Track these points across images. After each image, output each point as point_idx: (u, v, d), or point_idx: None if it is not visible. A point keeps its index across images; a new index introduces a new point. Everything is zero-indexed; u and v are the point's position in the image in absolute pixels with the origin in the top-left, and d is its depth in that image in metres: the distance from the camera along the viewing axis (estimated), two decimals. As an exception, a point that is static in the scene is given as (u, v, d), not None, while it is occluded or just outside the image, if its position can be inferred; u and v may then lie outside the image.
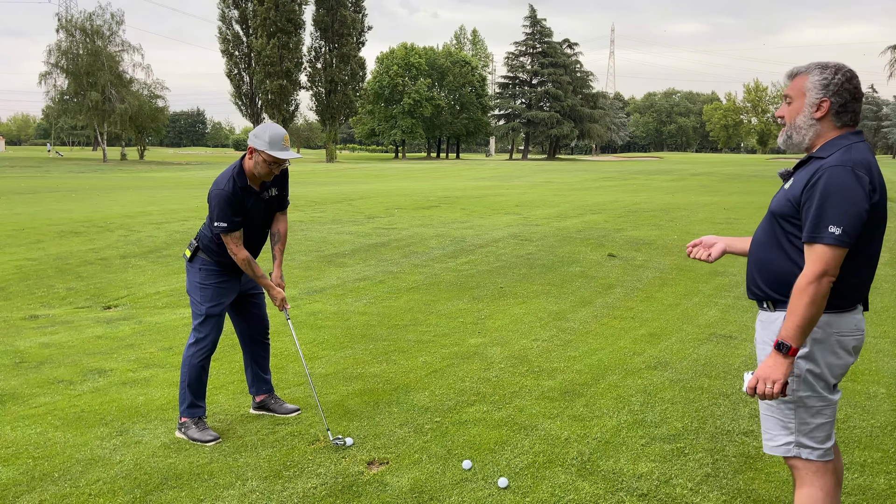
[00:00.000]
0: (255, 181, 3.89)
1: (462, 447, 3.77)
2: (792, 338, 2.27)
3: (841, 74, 2.41)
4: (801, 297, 2.25)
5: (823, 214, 2.24)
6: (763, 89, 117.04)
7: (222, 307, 4.01)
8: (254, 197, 3.89)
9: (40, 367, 5.29)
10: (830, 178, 2.26)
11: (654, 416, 4.20)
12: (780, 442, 2.46)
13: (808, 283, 2.25)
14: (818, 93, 2.41)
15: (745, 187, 26.28)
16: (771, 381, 2.30)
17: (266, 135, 3.72)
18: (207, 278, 3.97)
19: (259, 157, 3.76)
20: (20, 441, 3.86)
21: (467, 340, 6.02)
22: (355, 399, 4.54)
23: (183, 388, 3.95)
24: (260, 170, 3.79)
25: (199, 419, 3.93)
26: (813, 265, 2.25)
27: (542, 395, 4.60)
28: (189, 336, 4.02)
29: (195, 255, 4.00)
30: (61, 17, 55.16)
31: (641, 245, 11.13)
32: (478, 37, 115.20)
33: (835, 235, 2.23)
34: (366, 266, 9.57)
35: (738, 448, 3.76)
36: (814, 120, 2.42)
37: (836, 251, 2.24)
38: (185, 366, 3.95)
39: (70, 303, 7.66)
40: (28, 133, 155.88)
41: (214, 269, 3.98)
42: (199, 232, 4.04)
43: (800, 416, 2.42)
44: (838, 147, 2.36)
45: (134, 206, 16.21)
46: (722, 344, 5.87)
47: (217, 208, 3.77)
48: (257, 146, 3.74)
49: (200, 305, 3.96)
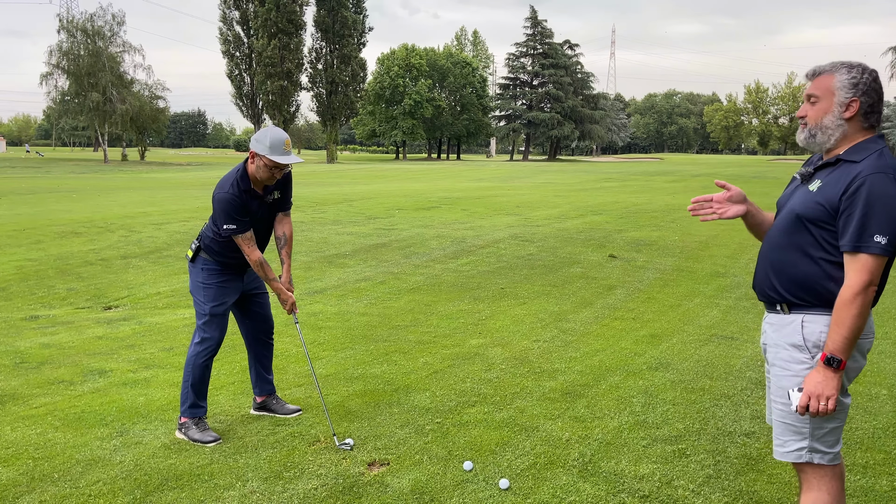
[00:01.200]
0: (258, 185, 3.89)
1: (463, 448, 3.76)
2: (841, 350, 2.23)
3: (868, 74, 2.36)
4: (850, 309, 2.20)
5: (868, 223, 2.19)
6: (764, 90, 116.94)
7: (225, 307, 4.00)
8: (257, 200, 3.89)
9: (40, 367, 5.28)
10: (873, 186, 2.21)
11: (655, 418, 4.19)
12: (792, 448, 2.41)
13: (855, 294, 2.21)
14: (848, 92, 2.35)
15: (747, 188, 26.15)
16: (824, 397, 2.26)
17: (267, 139, 3.71)
18: (210, 278, 3.96)
19: (260, 162, 3.76)
20: (20, 441, 3.85)
21: (468, 341, 6.01)
22: (356, 400, 4.53)
23: (186, 387, 3.94)
24: (262, 174, 3.79)
25: (200, 419, 3.92)
26: (858, 275, 2.21)
27: (544, 396, 4.59)
28: (193, 336, 4.01)
29: (197, 255, 4.00)
30: (62, 17, 55.21)
31: (642, 246, 11.12)
32: (478, 38, 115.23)
33: (881, 245, 2.19)
34: (366, 267, 9.56)
35: (739, 449, 3.74)
36: (842, 120, 2.36)
37: (880, 260, 2.21)
38: (189, 365, 3.94)
39: (70, 303, 7.66)
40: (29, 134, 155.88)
41: (216, 268, 3.97)
42: (201, 232, 4.03)
43: (815, 422, 2.37)
44: (870, 151, 2.31)
45: (134, 207, 16.21)
46: (723, 345, 5.85)
47: (223, 213, 3.78)
48: (258, 151, 3.72)
49: (204, 305, 3.96)
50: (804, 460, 2.41)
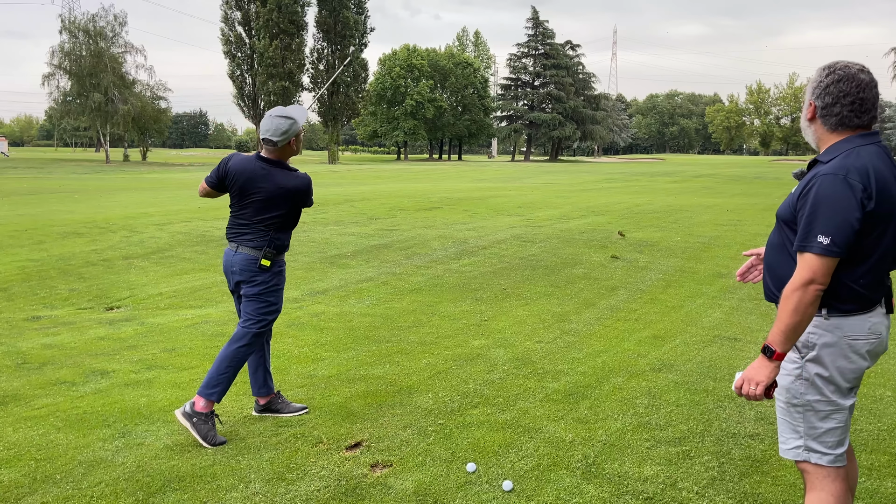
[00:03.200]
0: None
1: (466, 450, 3.75)
2: (776, 343, 2.28)
3: (834, 74, 2.38)
4: (786, 304, 2.26)
5: (813, 223, 2.24)
6: (765, 91, 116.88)
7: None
8: None
9: (42, 368, 5.27)
10: (821, 187, 2.26)
11: (659, 419, 4.17)
12: (791, 445, 2.45)
13: (793, 290, 2.26)
14: (809, 95, 2.45)
15: (748, 189, 26.22)
16: (754, 382, 2.31)
17: (302, 114, 4.01)
18: (281, 279, 4.09)
19: (299, 136, 4.03)
20: (22, 442, 3.84)
21: (470, 342, 5.99)
22: (358, 401, 4.52)
23: (222, 378, 3.90)
24: (300, 147, 4.08)
25: (215, 417, 3.89)
26: (800, 272, 2.26)
27: (547, 397, 4.57)
28: (240, 335, 3.99)
29: (275, 259, 4.01)
30: (64, 18, 55.29)
31: (644, 247, 11.10)
32: (480, 38, 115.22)
33: (822, 245, 2.23)
34: (368, 267, 9.55)
35: (744, 451, 3.73)
36: (807, 122, 2.46)
37: (823, 260, 2.24)
38: (234, 360, 3.94)
39: (72, 304, 7.66)
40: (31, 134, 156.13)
41: (284, 266, 4.11)
42: (267, 238, 3.98)
43: (808, 420, 2.40)
44: (840, 151, 2.34)
45: (136, 208, 16.21)
46: (727, 346, 5.84)
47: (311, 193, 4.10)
48: (301, 127, 3.98)
49: (274, 306, 4.05)
50: (801, 458, 2.44)
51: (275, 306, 4.06)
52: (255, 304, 3.99)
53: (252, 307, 3.99)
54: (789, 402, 2.43)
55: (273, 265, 4.00)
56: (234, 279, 4.05)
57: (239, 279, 4.02)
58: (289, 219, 4.07)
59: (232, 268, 4.03)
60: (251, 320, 3.99)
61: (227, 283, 4.16)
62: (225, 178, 4.05)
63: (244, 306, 4.03)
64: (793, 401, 2.42)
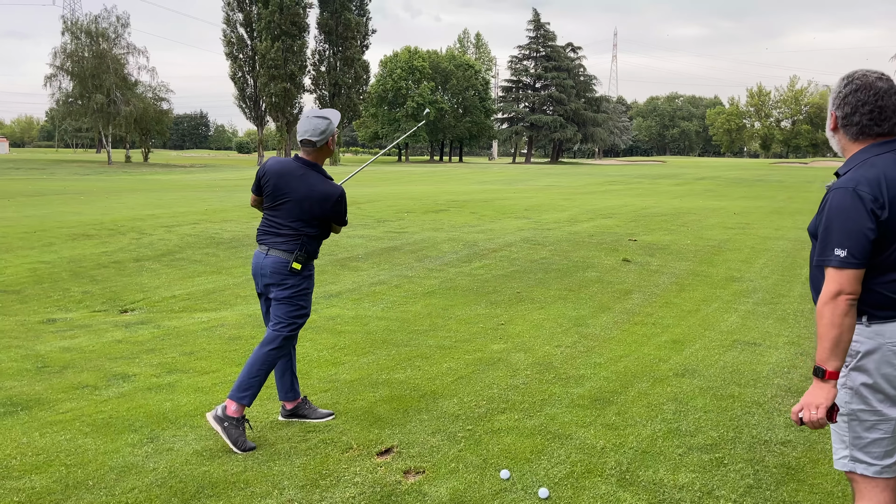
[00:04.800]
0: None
1: (497, 456, 3.73)
2: (824, 360, 2.26)
3: (851, 84, 2.40)
4: (822, 319, 2.26)
5: (829, 237, 2.27)
6: (766, 94, 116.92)
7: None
8: None
9: (63, 371, 5.25)
10: (833, 200, 2.29)
11: (688, 425, 4.15)
12: (839, 455, 2.44)
13: (823, 304, 2.26)
14: (831, 105, 2.47)
15: (752, 192, 26.23)
16: (813, 406, 2.28)
17: (335, 117, 4.01)
18: (311, 283, 4.09)
19: (334, 138, 4.07)
20: (50, 448, 3.82)
21: (489, 346, 5.98)
22: (384, 406, 4.50)
23: (254, 382, 3.89)
24: (335, 148, 4.12)
25: (245, 422, 3.87)
26: (826, 286, 2.26)
27: (572, 402, 4.56)
28: (272, 338, 3.97)
29: (307, 263, 4.00)
30: (67, 19, 55.30)
31: (655, 250, 11.09)
32: (481, 40, 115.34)
33: (840, 258, 2.24)
34: (380, 270, 9.54)
35: (777, 458, 3.71)
36: (831, 132, 2.48)
37: (844, 272, 2.24)
38: (265, 363, 3.94)
39: (86, 306, 7.63)
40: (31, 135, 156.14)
41: (313, 271, 4.12)
42: (299, 242, 3.97)
43: (853, 430, 2.38)
44: (855, 163, 2.36)
45: (143, 209, 16.19)
46: (747, 351, 5.82)
47: (346, 206, 4.09)
48: (335, 128, 4.00)
49: (304, 309, 4.05)
50: (847, 469, 2.42)
51: (305, 310, 4.05)
52: (286, 308, 3.98)
53: (282, 310, 3.98)
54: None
55: (303, 269, 3.98)
56: (264, 282, 4.03)
57: (269, 282, 4.00)
58: (321, 227, 4.04)
59: (262, 270, 4.01)
60: (281, 323, 3.98)
61: (256, 285, 4.14)
62: (262, 179, 4.06)
63: (274, 309, 4.02)
64: (833, 423, 2.40)
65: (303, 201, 3.93)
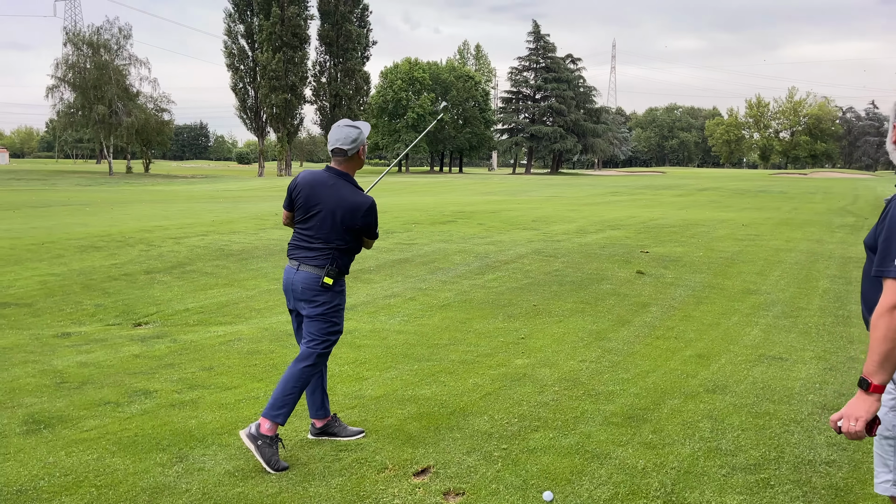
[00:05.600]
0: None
1: (537, 477, 3.64)
2: (871, 373, 2.19)
3: None
4: (875, 331, 2.19)
5: (889, 248, 2.21)
6: (765, 105, 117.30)
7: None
8: None
9: (82, 387, 5.16)
10: (895, 212, 2.23)
11: (728, 444, 4.07)
12: (880, 479, 2.37)
13: (879, 316, 2.19)
14: (892, 118, 2.43)
15: (756, 203, 26.20)
16: (853, 418, 2.21)
17: (366, 127, 4.02)
18: (343, 298, 4.02)
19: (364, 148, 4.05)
20: (78, 468, 3.73)
21: (513, 361, 5.89)
22: (414, 423, 4.41)
23: (288, 399, 3.83)
24: (364, 158, 4.12)
25: (279, 440, 3.80)
26: (884, 298, 2.20)
27: (606, 420, 4.47)
28: (306, 355, 3.91)
29: (338, 278, 3.94)
30: (69, 31, 55.41)
31: (668, 262, 11.02)
32: (481, 52, 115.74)
33: None
34: (393, 282, 9.46)
35: (824, 479, 3.63)
36: (892, 145, 2.43)
37: None
38: (299, 380, 3.87)
39: (100, 320, 7.55)
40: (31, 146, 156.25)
41: (345, 287, 4.05)
42: (330, 256, 3.91)
43: None
44: None
45: (149, 221, 16.12)
46: (775, 366, 5.74)
47: (376, 218, 4.02)
48: (365, 141, 4.01)
49: (337, 325, 3.98)
50: (890, 493, 2.35)
51: (338, 326, 3.98)
52: (319, 325, 3.90)
53: (315, 327, 3.90)
54: (881, 435, 2.35)
55: (335, 284, 3.91)
56: (295, 297, 3.96)
57: (300, 298, 3.92)
58: (352, 240, 3.97)
59: (293, 286, 3.94)
60: (315, 341, 3.90)
61: (287, 301, 4.07)
62: (293, 192, 4.00)
63: (307, 326, 3.94)
64: (885, 433, 2.34)
65: (334, 212, 3.87)
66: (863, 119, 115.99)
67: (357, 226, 3.93)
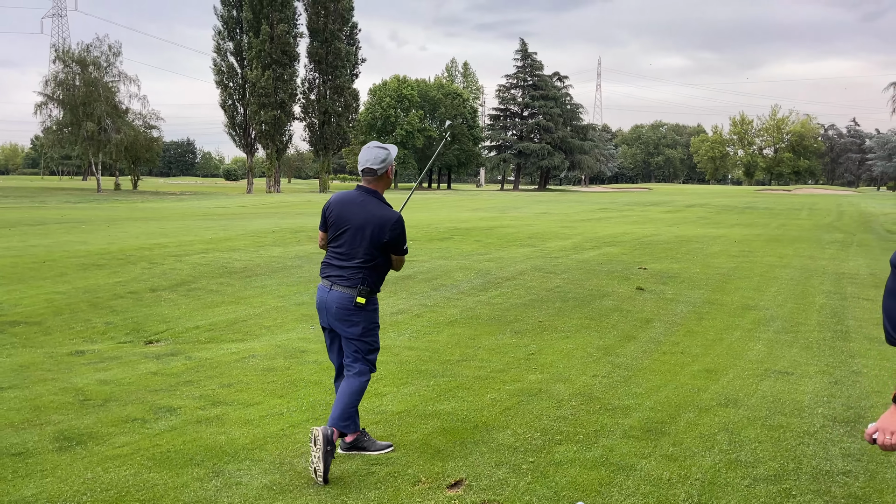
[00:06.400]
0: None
1: (567, 489, 3.76)
2: None
3: None
4: None
5: None
6: (749, 122, 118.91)
7: None
8: None
9: (106, 404, 5.22)
10: None
11: (746, 456, 4.21)
12: None
13: None
14: None
15: (744, 219, 26.58)
16: (888, 431, 2.31)
17: (393, 149, 4.18)
18: (377, 316, 4.17)
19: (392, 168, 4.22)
20: (118, 484, 3.80)
21: (526, 376, 6.01)
22: (439, 438, 4.52)
23: (350, 412, 4.10)
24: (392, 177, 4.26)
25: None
26: None
27: (625, 434, 4.60)
28: (358, 371, 4.14)
29: (370, 297, 4.07)
30: (58, 48, 55.35)
31: (667, 278, 11.20)
32: (469, 69, 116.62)
33: None
34: (398, 299, 9.56)
35: (843, 489, 3.77)
36: None
37: None
38: (356, 394, 4.12)
39: (111, 337, 7.59)
40: (16, 162, 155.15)
41: (378, 304, 4.18)
42: (361, 275, 4.06)
43: None
44: None
45: (148, 238, 16.13)
46: (782, 380, 5.90)
47: (405, 233, 4.18)
48: (393, 161, 4.17)
49: (376, 344, 4.16)
50: None
51: (376, 344, 4.15)
52: (359, 344, 4.07)
53: (355, 346, 4.08)
54: None
55: (368, 303, 4.04)
56: (329, 317, 4.08)
57: (335, 318, 4.04)
58: (381, 256, 4.10)
59: (327, 306, 4.06)
60: (359, 361, 4.10)
61: (320, 318, 4.19)
62: (326, 212, 4.17)
63: (346, 345, 4.08)
64: None
65: (363, 227, 4.03)
66: (844, 136, 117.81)
67: (385, 239, 4.07)
